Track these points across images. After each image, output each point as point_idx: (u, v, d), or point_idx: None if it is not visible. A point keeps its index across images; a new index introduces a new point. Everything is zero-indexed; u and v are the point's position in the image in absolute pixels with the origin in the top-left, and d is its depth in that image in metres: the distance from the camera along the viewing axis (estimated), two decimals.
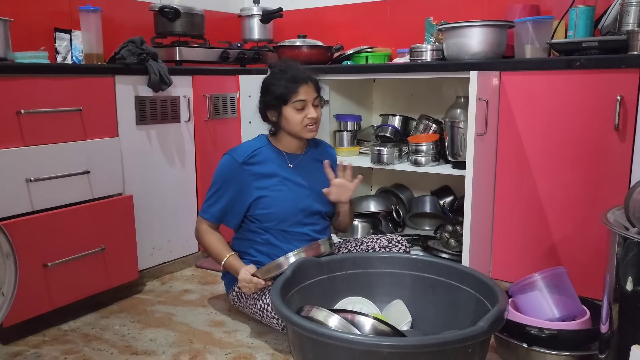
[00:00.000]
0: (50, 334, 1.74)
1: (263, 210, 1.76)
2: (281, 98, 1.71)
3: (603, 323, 1.29)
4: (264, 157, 1.77)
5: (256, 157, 1.76)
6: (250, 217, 1.79)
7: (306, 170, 1.83)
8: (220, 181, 1.76)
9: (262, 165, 1.76)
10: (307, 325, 1.22)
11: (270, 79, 1.76)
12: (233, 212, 1.78)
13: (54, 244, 1.72)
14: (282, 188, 1.76)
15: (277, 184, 1.76)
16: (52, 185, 1.74)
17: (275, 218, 1.76)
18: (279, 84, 1.71)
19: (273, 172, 1.77)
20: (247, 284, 1.64)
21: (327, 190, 1.77)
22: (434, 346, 1.17)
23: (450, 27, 2.01)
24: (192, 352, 1.62)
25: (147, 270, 2.16)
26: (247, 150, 1.76)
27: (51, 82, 1.74)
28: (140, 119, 2.04)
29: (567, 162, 1.79)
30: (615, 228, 1.22)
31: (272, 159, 1.78)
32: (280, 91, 1.71)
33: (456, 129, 2.01)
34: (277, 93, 1.71)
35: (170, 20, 2.36)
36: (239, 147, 1.80)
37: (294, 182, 1.79)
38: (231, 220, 1.80)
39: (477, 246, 1.88)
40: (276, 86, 1.72)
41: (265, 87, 1.76)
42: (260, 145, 1.79)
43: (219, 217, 1.78)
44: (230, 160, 1.75)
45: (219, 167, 1.78)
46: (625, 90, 1.65)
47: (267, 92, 1.75)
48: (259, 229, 1.79)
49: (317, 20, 2.86)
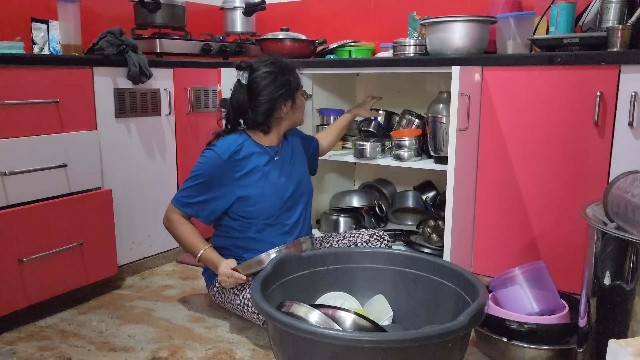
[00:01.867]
0: (25, 331, 1.71)
1: (250, 207, 1.73)
2: (297, 88, 1.75)
3: (581, 317, 1.31)
4: (247, 151, 1.74)
5: (240, 152, 1.72)
6: (233, 214, 1.75)
7: (287, 160, 1.82)
8: (203, 176, 1.70)
9: (245, 161, 1.73)
10: (287, 321, 1.21)
11: (284, 74, 1.71)
12: (210, 209, 1.73)
13: (29, 238, 1.69)
14: (265, 183, 1.74)
15: (260, 180, 1.74)
16: (28, 179, 1.70)
17: (263, 213, 1.74)
18: (294, 76, 1.74)
19: (255, 167, 1.74)
20: (227, 278, 1.62)
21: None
22: (414, 341, 1.17)
23: (433, 22, 2.00)
24: (171, 348, 1.60)
25: (127, 265, 2.13)
26: (232, 146, 1.71)
27: (27, 73, 1.70)
28: (119, 111, 2.01)
29: (548, 157, 1.80)
30: (593, 223, 1.22)
31: (255, 154, 1.75)
32: (297, 81, 1.75)
33: (438, 124, 2.01)
34: (295, 83, 1.74)
35: (151, 12, 2.32)
36: (222, 142, 1.73)
37: (277, 173, 1.77)
38: (207, 217, 1.74)
39: (458, 241, 1.89)
40: (291, 77, 1.73)
41: (281, 83, 1.70)
42: (243, 140, 1.75)
43: (195, 210, 1.73)
44: (214, 156, 1.69)
45: (202, 161, 1.71)
46: (604, 86, 1.67)
47: (283, 85, 1.70)
48: (241, 226, 1.76)
49: (300, 14, 2.84)
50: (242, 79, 1.71)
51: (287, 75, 1.72)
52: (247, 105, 1.71)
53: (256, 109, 1.70)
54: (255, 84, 1.69)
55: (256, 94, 1.69)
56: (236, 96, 1.72)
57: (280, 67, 1.72)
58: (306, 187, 1.86)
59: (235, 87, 1.74)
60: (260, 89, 1.68)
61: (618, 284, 1.16)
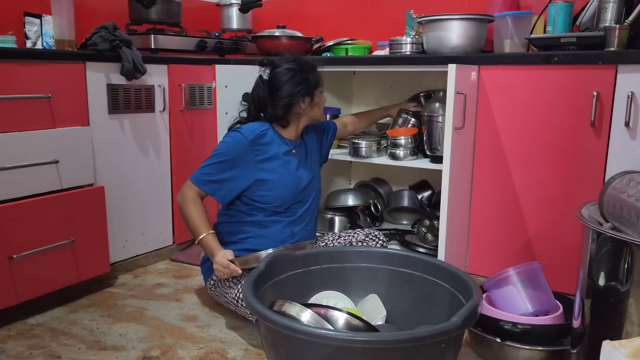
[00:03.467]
0: (15, 329, 1.69)
1: (265, 192, 1.74)
2: (316, 85, 1.78)
3: (575, 318, 1.30)
4: (270, 138, 1.76)
5: (263, 137, 1.75)
6: (246, 197, 1.76)
7: (305, 155, 1.86)
8: (226, 154, 1.71)
9: (268, 147, 1.75)
10: (278, 320, 1.20)
11: (304, 71, 1.75)
12: (228, 188, 1.72)
13: (20, 235, 1.67)
14: (284, 171, 1.76)
15: (280, 167, 1.76)
16: (19, 175, 1.68)
17: (276, 200, 1.75)
18: (313, 74, 1.78)
19: (277, 154, 1.76)
20: (222, 268, 1.62)
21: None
22: (407, 342, 1.15)
23: (430, 20, 1.99)
24: (162, 348, 1.59)
25: (120, 263, 2.11)
26: (257, 129, 1.75)
27: (18, 68, 1.68)
28: (112, 107, 1.99)
29: (544, 157, 1.79)
30: (589, 223, 1.21)
31: (277, 142, 1.78)
32: (316, 79, 1.79)
33: (434, 122, 1.99)
34: (315, 81, 1.78)
35: (145, 7, 2.30)
36: (247, 126, 1.76)
37: (296, 165, 1.80)
38: (223, 197, 1.74)
39: (453, 241, 1.87)
40: (311, 75, 1.76)
41: (300, 80, 1.74)
42: (267, 127, 1.77)
43: (212, 189, 1.72)
44: (239, 136, 1.72)
45: (227, 141, 1.74)
46: (601, 86, 1.66)
47: (301, 83, 1.74)
48: (250, 211, 1.76)
49: (297, 11, 2.82)
50: (264, 74, 1.76)
51: (307, 73, 1.77)
52: (267, 100, 1.75)
53: (275, 103, 1.74)
54: (275, 80, 1.74)
55: (276, 90, 1.74)
56: (257, 91, 1.78)
57: (301, 65, 1.76)
58: (317, 185, 1.90)
59: (256, 83, 1.80)
60: (280, 85, 1.73)
61: (613, 285, 1.15)
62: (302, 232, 1.81)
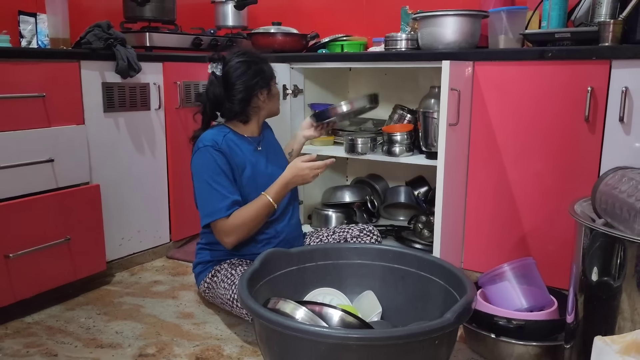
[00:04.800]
0: (12, 327, 1.69)
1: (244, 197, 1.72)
2: (271, 77, 1.77)
3: (569, 314, 1.30)
4: (233, 142, 1.73)
5: (226, 144, 1.70)
6: None
7: (270, 148, 1.85)
8: (211, 171, 1.66)
9: (234, 151, 1.71)
10: (272, 318, 1.20)
11: (257, 63, 1.73)
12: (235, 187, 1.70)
13: (16, 234, 1.67)
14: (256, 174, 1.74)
15: (250, 170, 1.73)
16: (14, 174, 1.68)
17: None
18: (267, 65, 1.77)
19: (244, 158, 1.73)
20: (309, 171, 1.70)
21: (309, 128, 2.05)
22: (400, 338, 1.16)
23: (424, 16, 1.99)
24: (159, 345, 1.59)
25: (116, 261, 2.12)
26: (218, 137, 1.70)
27: (12, 67, 1.68)
28: (108, 106, 1.98)
29: (538, 153, 1.79)
30: (581, 219, 1.22)
31: (240, 143, 1.74)
32: (270, 70, 1.78)
33: (430, 119, 2.00)
34: (269, 72, 1.77)
35: (140, 5, 2.30)
36: (205, 137, 1.71)
37: (264, 162, 1.78)
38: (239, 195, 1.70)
39: (448, 237, 1.88)
40: (263, 65, 1.75)
41: (255, 71, 1.71)
42: (225, 133, 1.73)
43: (232, 202, 1.66)
44: (208, 150, 1.67)
45: (201, 161, 1.68)
46: (595, 81, 1.66)
47: (258, 74, 1.72)
48: None
49: (292, 8, 2.81)
50: (217, 70, 1.72)
51: (261, 64, 1.75)
52: (223, 96, 1.71)
53: (233, 98, 1.71)
54: (229, 75, 1.71)
55: (231, 84, 1.70)
56: (212, 89, 1.73)
57: (253, 57, 1.74)
58: None
59: (210, 80, 1.74)
60: (235, 79, 1.70)
61: (605, 280, 1.15)
62: (286, 229, 1.79)
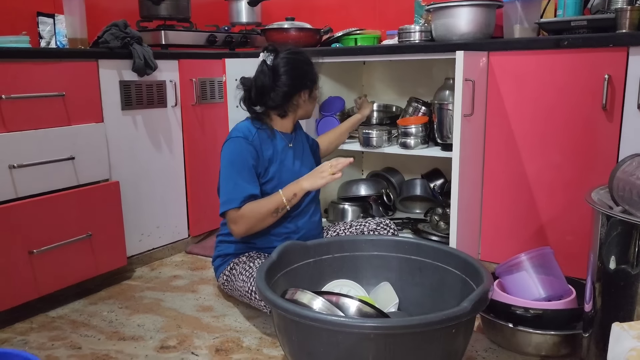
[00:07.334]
0: (37, 321, 1.74)
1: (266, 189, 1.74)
2: (316, 81, 1.81)
3: (587, 302, 1.29)
4: (266, 136, 1.75)
5: (258, 137, 1.73)
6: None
7: (299, 148, 1.86)
8: (237, 162, 1.69)
9: (266, 145, 1.74)
10: (290, 308, 1.22)
11: (308, 64, 1.78)
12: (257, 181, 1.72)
13: (39, 230, 1.71)
14: (283, 169, 1.76)
15: (279, 164, 1.76)
16: (36, 172, 1.73)
17: None
18: (312, 68, 1.80)
19: (274, 152, 1.76)
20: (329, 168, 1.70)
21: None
22: (418, 327, 1.17)
23: (438, 8, 1.98)
24: (179, 337, 1.62)
25: (136, 256, 2.16)
26: (251, 129, 1.73)
27: (32, 67, 1.72)
28: (125, 104, 2.02)
29: (555, 142, 1.78)
30: (598, 207, 1.21)
31: (272, 139, 1.77)
32: (316, 75, 1.81)
33: (444, 110, 1.99)
34: (315, 76, 1.80)
35: (155, 4, 2.33)
36: (239, 128, 1.75)
37: (292, 159, 1.80)
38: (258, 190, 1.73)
39: (465, 228, 1.87)
40: (312, 68, 1.79)
41: (301, 71, 1.75)
42: (258, 126, 1.76)
43: (249, 196, 1.68)
44: (239, 140, 1.71)
45: (230, 150, 1.71)
46: (612, 69, 1.64)
47: (304, 75, 1.76)
48: None
49: (305, 3, 2.82)
50: (268, 60, 1.74)
51: (309, 66, 1.79)
52: (269, 86, 1.73)
53: (277, 89, 1.73)
54: (279, 67, 1.73)
55: (279, 76, 1.73)
56: (261, 77, 1.74)
57: (304, 57, 1.79)
58: None
59: (260, 68, 1.75)
60: (284, 73, 1.73)
61: (623, 268, 1.15)
62: (307, 225, 1.81)
